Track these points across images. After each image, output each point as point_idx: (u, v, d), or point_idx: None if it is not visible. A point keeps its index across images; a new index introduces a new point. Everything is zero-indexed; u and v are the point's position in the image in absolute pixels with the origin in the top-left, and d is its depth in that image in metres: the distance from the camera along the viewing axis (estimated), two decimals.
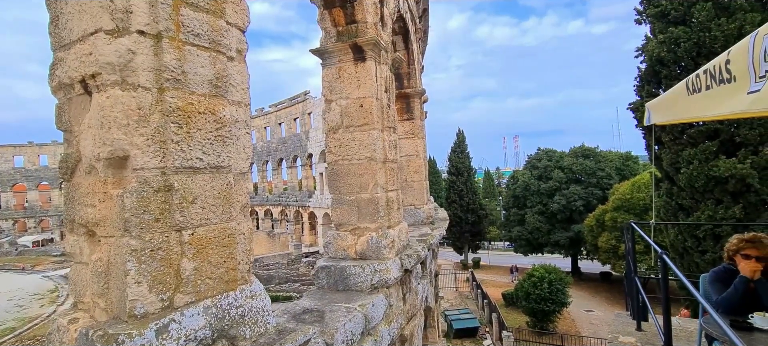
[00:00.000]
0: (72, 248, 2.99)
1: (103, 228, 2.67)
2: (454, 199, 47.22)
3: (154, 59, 2.63)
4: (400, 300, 5.35)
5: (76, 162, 2.86)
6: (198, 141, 2.84)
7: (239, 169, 3.20)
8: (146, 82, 2.59)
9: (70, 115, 2.87)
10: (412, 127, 8.84)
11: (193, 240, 2.82)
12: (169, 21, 2.68)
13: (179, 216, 2.73)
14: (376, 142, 5.00)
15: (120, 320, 2.56)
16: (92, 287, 2.74)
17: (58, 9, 2.83)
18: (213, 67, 2.96)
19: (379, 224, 5.07)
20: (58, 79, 2.84)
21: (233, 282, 3.10)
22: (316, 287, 5.34)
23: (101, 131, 2.57)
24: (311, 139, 42.98)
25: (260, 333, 3.22)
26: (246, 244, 3.25)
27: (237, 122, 3.17)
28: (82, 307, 2.88)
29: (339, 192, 5.17)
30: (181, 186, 2.74)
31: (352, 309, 4.37)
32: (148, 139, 2.59)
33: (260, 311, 3.26)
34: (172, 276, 2.71)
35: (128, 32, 2.53)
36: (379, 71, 5.09)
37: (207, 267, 2.91)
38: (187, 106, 2.78)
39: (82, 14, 2.63)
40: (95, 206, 2.70)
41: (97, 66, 2.53)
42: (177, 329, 2.62)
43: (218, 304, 2.93)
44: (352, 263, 5.04)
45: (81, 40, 2.64)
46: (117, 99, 2.53)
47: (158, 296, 2.63)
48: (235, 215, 3.15)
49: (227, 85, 3.06)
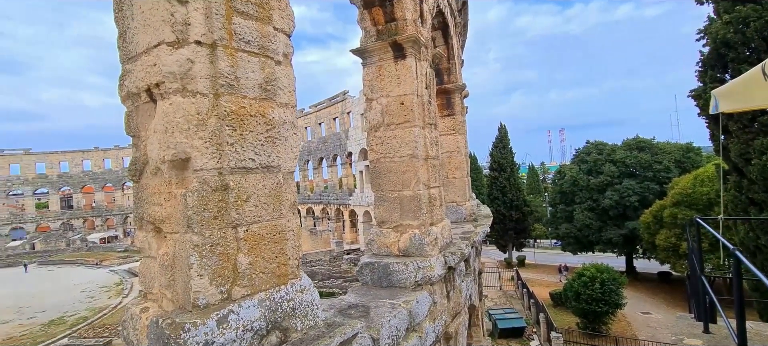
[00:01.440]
0: (141, 243, 3.26)
1: (168, 225, 2.89)
2: (496, 195, 46.06)
3: (210, 67, 2.80)
4: (444, 298, 5.33)
5: (143, 164, 3.12)
6: (250, 142, 2.99)
7: (288, 168, 3.34)
8: (204, 88, 2.77)
9: (138, 122, 3.13)
10: (452, 123, 8.73)
11: (247, 236, 2.98)
12: (223, 30, 2.85)
13: (235, 214, 2.90)
14: (418, 139, 5.01)
15: (185, 310, 2.76)
16: (160, 279, 2.97)
17: (125, 24, 3.09)
18: (262, 71, 3.10)
19: (422, 221, 5.08)
20: (127, 89, 3.10)
21: (284, 277, 3.25)
22: (360, 283, 5.44)
23: (165, 136, 2.78)
24: (350, 137, 43.63)
25: (310, 326, 3.34)
26: (295, 240, 3.39)
27: (285, 123, 3.30)
28: (151, 297, 3.13)
29: (381, 190, 5.23)
30: (236, 185, 2.91)
31: (396, 305, 4.42)
32: (206, 142, 2.77)
33: (310, 305, 3.38)
34: (230, 270, 2.89)
35: (187, 43, 2.72)
36: (419, 68, 5.09)
37: (260, 262, 3.07)
38: (240, 109, 2.94)
39: (147, 28, 2.86)
40: (161, 205, 2.93)
41: (161, 75, 2.74)
42: (235, 319, 2.79)
43: (271, 297, 3.08)
44: (395, 260, 5.08)
45: (146, 52, 2.87)
46: (178, 105, 2.72)
47: (218, 289, 2.81)
48: (285, 213, 3.29)
49: (275, 88, 3.20)
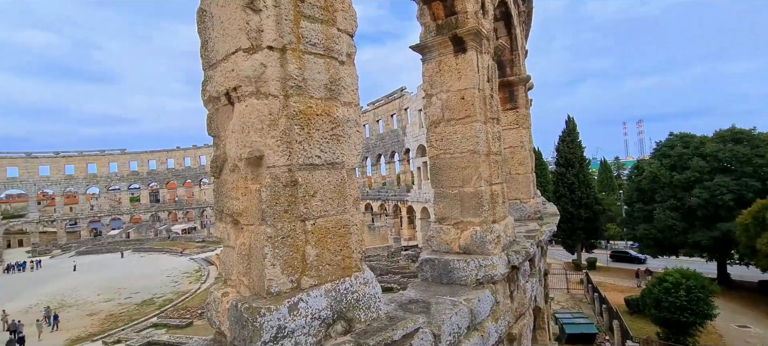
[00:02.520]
0: (221, 233, 3.58)
1: (245, 218, 3.13)
2: (563, 193, 43.21)
3: (280, 70, 2.98)
4: (507, 298, 5.17)
5: (223, 162, 3.41)
6: (316, 140, 3.14)
7: (351, 165, 3.45)
8: (275, 90, 2.96)
9: (218, 123, 3.43)
10: (516, 117, 8.37)
11: (314, 229, 3.14)
12: (292, 34, 3.01)
13: (303, 208, 3.07)
14: (479, 134, 4.90)
15: (260, 296, 2.98)
16: (238, 267, 3.24)
17: (206, 35, 3.40)
18: (327, 72, 3.24)
19: (483, 219, 4.96)
20: (208, 93, 3.40)
21: (348, 269, 3.37)
22: (419, 279, 5.46)
23: (242, 135, 3.02)
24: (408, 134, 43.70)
25: (373, 318, 3.44)
26: (358, 235, 3.50)
27: (348, 121, 3.42)
28: (230, 283, 3.42)
29: (441, 186, 5.20)
30: (304, 181, 3.08)
31: (457, 303, 4.38)
32: (277, 141, 2.96)
33: (373, 298, 3.48)
34: (299, 261, 3.06)
35: (260, 48, 2.92)
36: (480, 61, 4.97)
37: (326, 254, 3.21)
38: (307, 109, 3.10)
39: (225, 37, 3.12)
40: (238, 199, 3.19)
41: (238, 80, 2.98)
42: (304, 307, 2.96)
43: (337, 288, 3.22)
44: (456, 257, 5.03)
45: (225, 59, 3.13)
46: (253, 107, 2.94)
47: (289, 278, 3.00)
48: (349, 208, 3.41)
49: (340, 87, 3.32)
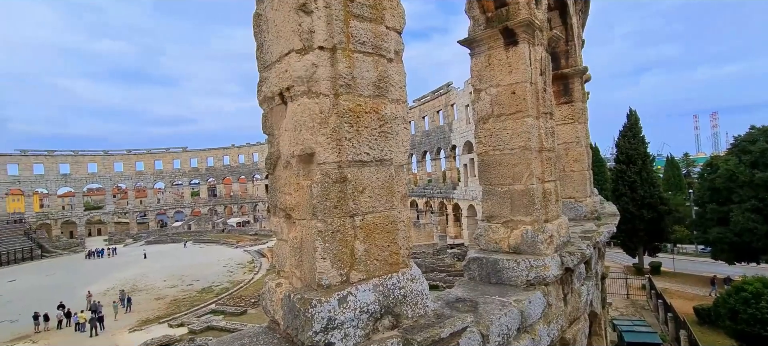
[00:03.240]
0: (275, 227, 3.75)
1: (297, 212, 3.26)
2: (623, 191, 40.20)
3: (330, 69, 3.06)
4: (560, 300, 4.94)
5: (276, 159, 3.57)
6: (365, 138, 3.19)
7: (399, 161, 3.47)
8: (325, 89, 3.05)
9: (272, 122, 3.59)
10: (571, 112, 7.93)
11: (363, 225, 3.20)
12: (342, 34, 3.08)
13: (352, 204, 3.14)
14: (531, 129, 4.71)
15: (311, 288, 3.09)
16: (290, 259, 3.38)
17: (262, 38, 3.56)
18: (376, 70, 3.27)
19: (535, 218, 4.78)
20: (264, 94, 3.57)
21: (396, 265, 3.40)
22: (466, 277, 5.38)
23: (294, 133, 3.14)
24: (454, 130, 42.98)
25: (420, 314, 3.44)
26: (406, 231, 3.51)
27: (396, 119, 3.43)
28: (283, 274, 3.58)
29: (489, 183, 5.06)
30: (353, 178, 3.14)
31: (506, 303, 4.26)
32: (328, 138, 3.05)
33: (420, 294, 3.48)
34: (348, 255, 3.14)
35: (312, 49, 3.01)
36: (533, 54, 4.77)
37: (375, 250, 3.26)
38: (356, 107, 3.16)
39: (279, 39, 3.25)
40: (291, 194, 3.33)
41: (291, 80, 3.10)
42: (353, 301, 3.03)
43: (384, 283, 3.26)
44: (505, 257, 4.89)
45: (278, 60, 3.27)
46: (305, 106, 3.04)
47: (338, 272, 3.09)
48: (397, 204, 3.43)
49: (388, 85, 3.35)
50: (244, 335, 3.56)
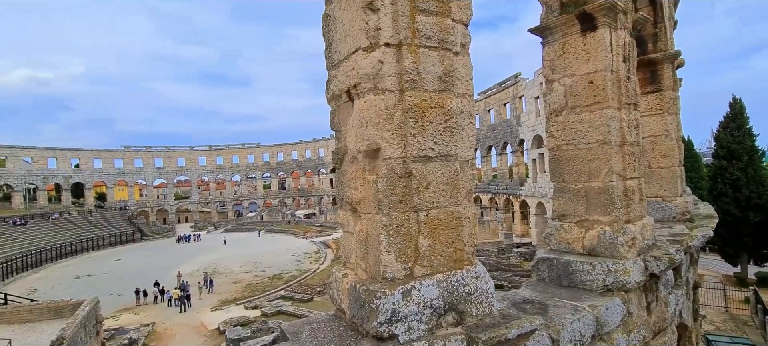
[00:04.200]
0: (341, 220, 3.89)
1: (362, 206, 3.35)
2: (723, 191, 35.21)
3: (396, 66, 3.09)
4: (643, 309, 4.51)
5: (343, 154, 3.69)
6: (430, 133, 3.18)
7: (464, 157, 3.40)
8: (391, 85, 3.08)
9: (340, 119, 3.72)
10: (659, 101, 7.11)
11: (427, 220, 3.20)
12: (408, 30, 3.09)
13: (416, 199, 3.15)
14: (611, 122, 4.33)
15: (375, 280, 3.17)
16: (356, 251, 3.49)
17: (330, 38, 3.70)
18: (441, 64, 3.23)
19: (614, 218, 4.40)
20: (332, 92, 3.71)
21: (460, 262, 3.35)
22: (534, 278, 5.13)
23: (361, 129, 3.22)
24: (523, 123, 40.97)
25: (485, 313, 3.36)
26: (471, 228, 3.44)
27: (462, 113, 3.37)
28: (349, 266, 3.71)
29: (562, 180, 4.76)
30: (418, 173, 3.15)
31: (579, 308, 4.00)
32: (393, 134, 3.09)
33: (485, 293, 3.40)
34: (412, 250, 3.16)
35: (378, 46, 3.06)
36: (614, 39, 4.36)
37: (438, 245, 3.25)
38: (421, 102, 3.15)
39: (347, 38, 3.35)
40: (357, 189, 3.43)
41: (358, 77, 3.18)
42: (417, 295, 3.04)
43: (448, 279, 3.23)
44: (579, 259, 4.58)
45: (346, 58, 3.37)
46: (371, 103, 3.11)
47: (402, 266, 3.12)
48: (461, 200, 3.37)
49: (453, 79, 3.29)
50: (312, 321, 3.76)
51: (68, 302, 19.42)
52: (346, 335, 3.27)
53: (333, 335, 3.32)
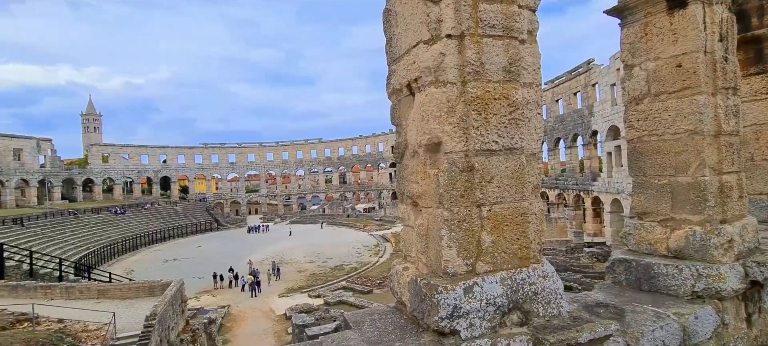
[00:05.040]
0: (402, 213, 3.92)
1: (423, 200, 3.34)
2: None
3: (458, 57, 3.02)
4: (742, 321, 3.98)
5: (404, 148, 3.70)
6: (494, 125, 3.07)
7: (531, 150, 3.24)
8: (453, 78, 3.02)
9: (400, 113, 3.73)
10: (765, 84, 6.12)
11: (490, 216, 3.10)
12: (470, 20, 3.00)
13: (479, 193, 3.06)
14: (703, 109, 3.83)
15: (436, 275, 3.15)
16: (416, 245, 3.49)
17: (391, 32, 3.71)
18: (506, 53, 3.10)
19: (706, 217, 3.91)
20: (392, 86, 3.73)
21: (526, 260, 3.21)
22: (609, 280, 4.76)
23: (421, 123, 3.21)
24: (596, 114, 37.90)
25: (553, 314, 3.19)
26: (537, 224, 3.28)
27: (528, 104, 3.21)
28: (410, 259, 3.72)
29: (643, 174, 4.32)
30: (481, 167, 3.06)
31: (663, 315, 3.63)
32: (454, 127, 3.03)
33: (553, 293, 3.23)
34: (474, 246, 3.09)
35: (439, 38, 3.01)
36: (708, 16, 3.84)
37: (502, 242, 3.14)
38: (485, 94, 3.05)
39: (408, 32, 3.34)
40: (418, 183, 3.42)
41: (418, 71, 3.16)
42: (479, 292, 2.97)
43: (513, 277, 3.11)
44: (662, 261, 4.15)
45: (406, 52, 3.37)
46: (432, 96, 3.07)
47: (464, 261, 3.07)
48: (527, 195, 3.22)
49: (519, 68, 3.14)
50: (373, 312, 3.84)
51: (159, 282, 21.83)
52: (406, 328, 3.29)
53: (394, 327, 3.36)
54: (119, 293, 21.24)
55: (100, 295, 20.90)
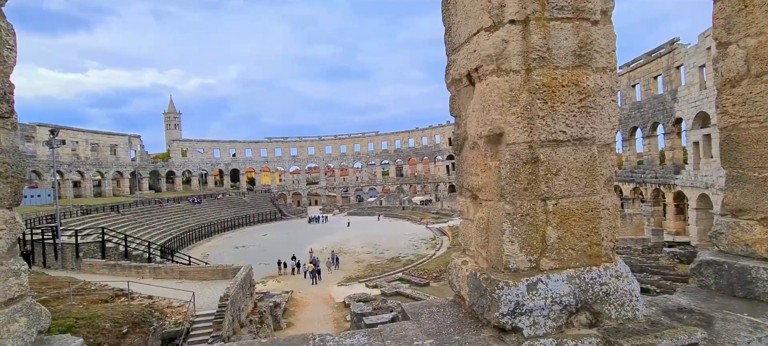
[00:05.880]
0: (461, 206, 3.85)
1: (483, 193, 3.26)
2: None
3: (522, 43, 2.88)
4: None
5: (463, 140, 3.63)
6: (561, 114, 2.89)
7: (604, 139, 3.01)
8: (516, 65, 2.89)
9: (459, 104, 3.65)
10: None
11: (556, 210, 2.94)
12: (535, 3, 2.84)
13: (544, 186, 2.91)
14: None
15: (497, 270, 3.06)
16: (476, 239, 3.42)
17: (450, 21, 3.64)
18: (576, 36, 2.89)
19: None
20: (451, 77, 3.66)
21: (597, 258, 3.00)
22: (694, 284, 4.30)
23: (482, 114, 3.11)
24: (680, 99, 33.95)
25: (628, 318, 2.96)
26: (610, 220, 3.05)
27: (601, 90, 2.98)
28: (468, 253, 3.66)
29: (739, 166, 3.81)
30: (546, 158, 2.90)
31: (762, 326, 3.21)
32: (518, 117, 2.90)
33: (628, 295, 2.99)
34: (538, 241, 2.95)
35: (502, 24, 2.89)
36: None
37: (570, 238, 2.96)
38: (551, 81, 2.88)
39: (468, 20, 3.25)
40: (478, 175, 3.34)
41: (479, 60, 3.06)
42: (544, 289, 2.84)
43: (581, 276, 2.93)
44: (762, 265, 3.65)
45: (467, 41, 3.28)
46: (494, 85, 2.97)
47: (527, 257, 2.95)
48: (599, 189, 3.01)
49: (591, 52, 2.92)
50: (431, 304, 3.83)
51: (231, 266, 23.69)
52: (465, 322, 3.25)
53: (452, 320, 3.33)
54: (197, 275, 23.40)
55: (181, 275, 23.20)
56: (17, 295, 3.00)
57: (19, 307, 3.00)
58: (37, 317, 3.12)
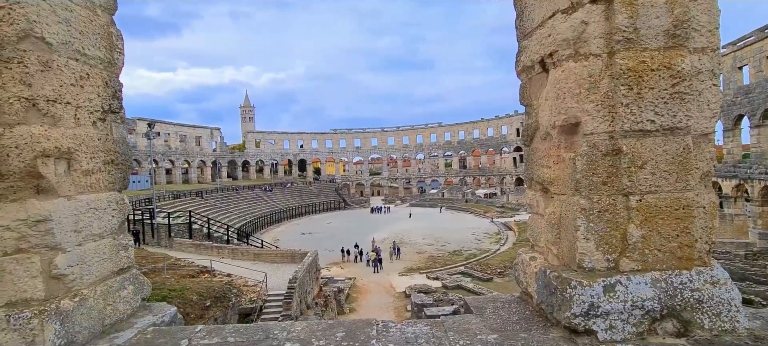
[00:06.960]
0: (530, 200, 3.68)
1: (555, 186, 3.08)
2: None
3: (604, 24, 2.65)
4: None
5: (534, 130, 3.46)
6: (649, 101, 2.62)
7: (701, 129, 2.69)
8: (596, 49, 2.67)
9: (530, 92, 3.48)
10: None
11: (640, 207, 2.69)
12: None
13: (626, 181, 2.68)
14: None
15: (569, 268, 2.89)
16: (546, 235, 3.25)
17: (522, 5, 3.46)
18: (670, 13, 2.59)
19: None
20: (522, 64, 3.49)
21: (688, 261, 2.70)
22: None
23: (556, 102, 2.93)
24: None
25: (724, 329, 2.63)
26: (707, 220, 2.72)
27: (699, 74, 2.65)
28: (537, 249, 3.50)
29: None
30: (630, 150, 2.66)
31: None
32: (597, 105, 2.69)
33: (725, 303, 2.66)
34: (618, 240, 2.73)
35: (581, 5, 2.68)
36: None
37: (656, 238, 2.70)
38: (638, 65, 2.62)
39: (542, 2, 3.06)
40: (549, 167, 3.16)
41: (554, 45, 2.88)
42: (623, 291, 2.63)
43: (668, 279, 2.66)
44: None
45: (541, 25, 3.10)
46: (570, 71, 2.78)
47: (604, 256, 2.74)
48: (694, 185, 2.69)
49: (688, 30, 2.60)
50: (496, 299, 3.73)
51: (299, 251, 25.13)
52: (532, 320, 3.12)
53: (518, 317, 3.22)
54: (269, 258, 25.16)
55: (255, 257, 25.12)
56: (126, 266, 3.48)
57: (128, 276, 3.48)
58: (141, 286, 3.59)
